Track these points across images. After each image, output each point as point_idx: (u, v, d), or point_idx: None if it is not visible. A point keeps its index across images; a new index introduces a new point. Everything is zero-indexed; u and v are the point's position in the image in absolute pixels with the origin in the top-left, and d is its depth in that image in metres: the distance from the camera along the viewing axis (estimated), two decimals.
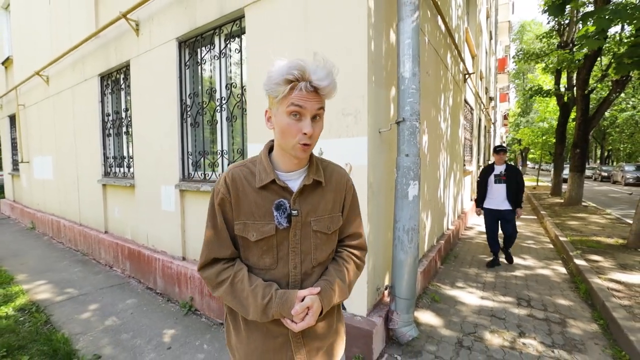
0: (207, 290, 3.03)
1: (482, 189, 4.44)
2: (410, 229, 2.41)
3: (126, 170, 4.45)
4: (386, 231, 2.66)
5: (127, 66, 4.12)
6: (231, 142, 3.18)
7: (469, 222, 7.48)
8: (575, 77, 9.89)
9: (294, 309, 0.88)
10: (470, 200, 8.21)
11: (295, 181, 0.96)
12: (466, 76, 6.46)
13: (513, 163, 40.44)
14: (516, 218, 4.30)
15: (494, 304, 3.26)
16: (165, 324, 2.91)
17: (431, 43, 3.66)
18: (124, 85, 4.35)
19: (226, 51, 3.09)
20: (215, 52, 3.16)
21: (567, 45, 10.71)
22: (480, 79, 9.77)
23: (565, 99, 11.11)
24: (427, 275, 3.63)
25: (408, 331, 2.45)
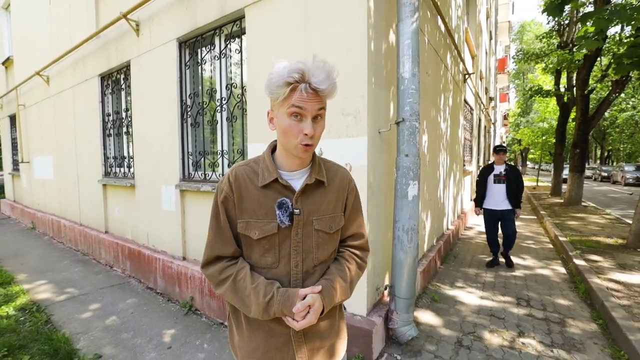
0: (207, 290, 3.04)
1: (481, 188, 4.44)
2: (410, 228, 2.42)
3: (126, 170, 4.46)
4: (386, 231, 2.67)
5: (127, 66, 4.13)
6: (231, 142, 3.19)
7: (468, 222, 7.49)
8: (575, 77, 9.90)
9: (295, 307, 0.89)
10: (470, 200, 8.21)
11: (297, 180, 0.97)
12: (466, 76, 6.47)
13: (513, 163, 40.54)
14: (515, 218, 4.31)
15: (493, 303, 3.27)
16: (165, 323, 2.92)
17: (431, 43, 3.67)
18: (124, 86, 4.36)
19: (226, 51, 3.10)
20: (215, 53, 3.17)
21: (567, 45, 10.72)
22: (480, 79, 9.78)
23: (565, 99, 11.12)
24: (427, 275, 3.64)
25: (408, 331, 2.46)
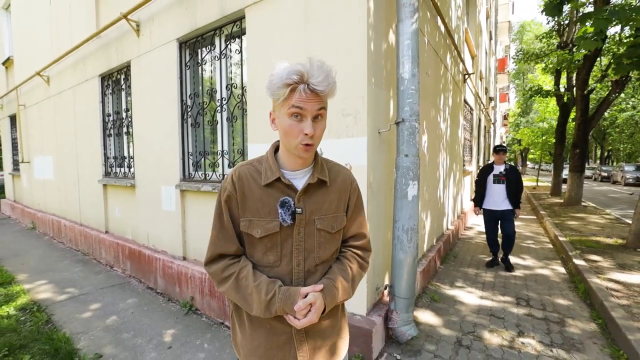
0: (207, 290, 3.04)
1: (480, 188, 4.43)
2: (410, 228, 2.42)
3: (127, 171, 4.47)
4: (385, 231, 2.67)
5: (127, 66, 4.14)
6: (231, 142, 3.20)
7: (468, 222, 7.50)
8: (574, 77, 9.91)
9: (297, 305, 0.89)
10: (470, 200, 8.21)
11: (300, 180, 0.98)
12: (466, 76, 6.47)
13: (513, 163, 40.56)
14: (515, 218, 4.31)
15: (493, 303, 3.28)
16: (165, 323, 2.93)
17: (431, 44, 3.67)
18: (124, 86, 4.37)
19: (227, 52, 3.10)
20: (215, 53, 3.17)
21: (566, 45, 10.73)
22: (480, 79, 9.78)
23: (565, 99, 11.13)
24: (427, 275, 3.65)
25: (407, 330, 2.47)
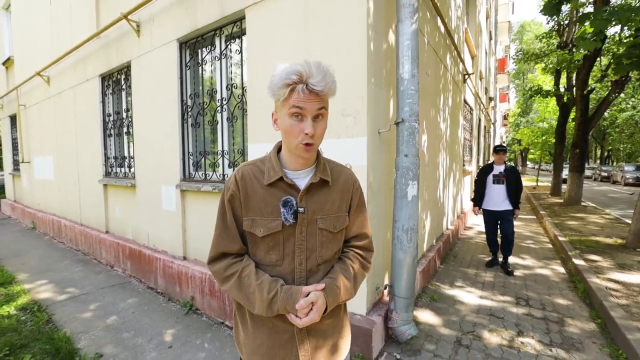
0: (207, 290, 3.05)
1: (479, 188, 4.42)
2: (409, 228, 2.43)
3: (127, 171, 4.47)
4: (385, 231, 2.68)
5: (128, 67, 4.14)
6: (232, 142, 3.21)
7: (468, 222, 7.50)
8: (574, 77, 9.91)
9: (299, 304, 0.90)
10: (470, 200, 8.22)
11: (302, 179, 0.99)
12: (465, 77, 6.48)
13: (513, 163, 40.56)
14: (514, 219, 4.30)
15: (492, 303, 3.29)
16: (166, 323, 2.93)
17: (430, 44, 3.68)
18: (124, 86, 4.38)
19: (227, 52, 3.11)
20: (215, 53, 3.18)
21: (566, 45, 10.73)
22: (480, 79, 9.79)
23: (564, 99, 11.13)
24: (427, 275, 3.65)
25: (407, 330, 2.48)
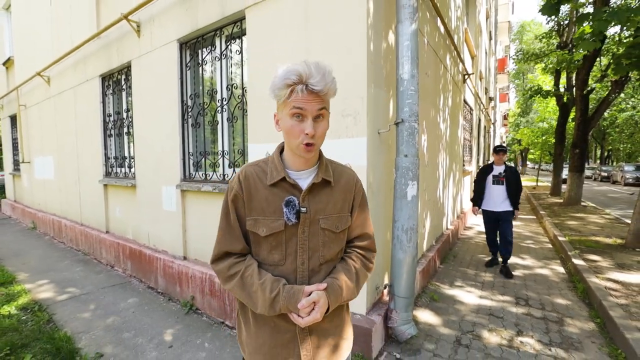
0: (208, 290, 3.06)
1: (478, 188, 4.40)
2: (409, 228, 2.43)
3: (127, 171, 4.48)
4: (385, 231, 2.68)
5: (128, 67, 4.15)
6: (232, 142, 3.21)
7: (468, 222, 7.51)
8: (574, 77, 9.92)
9: (300, 303, 0.91)
10: (470, 200, 8.23)
11: (305, 180, 1.00)
12: (465, 77, 6.49)
13: (513, 163, 40.54)
14: (514, 219, 4.29)
15: (492, 303, 3.29)
16: (166, 322, 2.94)
17: (430, 44, 3.69)
18: (125, 86, 4.38)
19: (227, 52, 3.12)
20: (216, 53, 3.19)
21: (566, 45, 10.74)
22: (479, 79, 9.79)
23: (564, 99, 11.14)
24: (426, 275, 3.66)
25: (407, 329, 2.48)
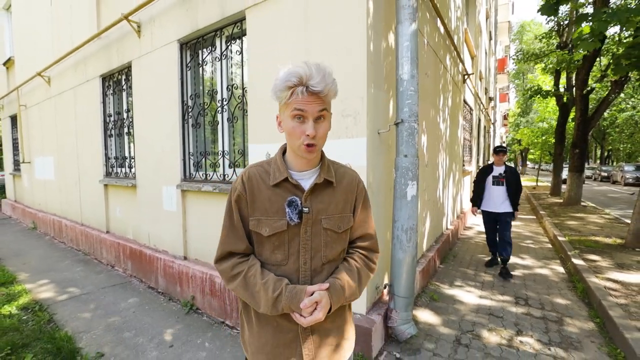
0: (208, 289, 3.06)
1: (478, 188, 4.39)
2: (409, 228, 2.44)
3: (128, 171, 4.49)
4: (385, 231, 2.69)
5: (128, 67, 4.16)
6: (232, 142, 3.22)
7: (468, 222, 7.51)
8: (574, 77, 9.92)
9: (303, 303, 0.91)
10: (470, 201, 8.23)
11: (307, 180, 1.01)
12: (465, 77, 6.49)
13: (513, 163, 40.54)
14: (513, 219, 4.28)
15: (492, 302, 3.30)
16: (167, 322, 2.95)
17: (430, 45, 3.69)
18: (125, 86, 4.39)
19: (227, 53, 3.12)
20: (216, 54, 3.19)
21: (566, 45, 10.75)
22: (479, 79, 9.80)
23: (564, 99, 11.14)
24: (426, 275, 3.67)
25: (407, 329, 2.49)
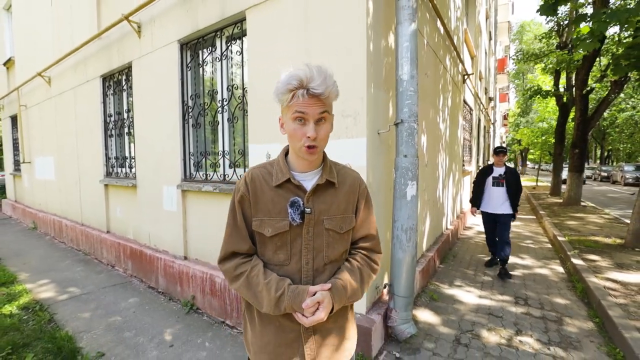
0: (208, 289, 3.07)
1: (478, 188, 4.38)
2: (409, 228, 2.45)
3: (128, 171, 4.49)
4: (385, 230, 2.70)
5: (129, 67, 4.16)
6: (232, 142, 3.22)
7: (468, 222, 7.52)
8: (574, 77, 9.93)
9: (305, 303, 0.92)
10: (469, 201, 8.24)
11: (309, 181, 1.02)
12: (465, 77, 6.50)
13: (513, 163, 40.53)
14: (512, 220, 4.27)
15: (491, 302, 3.31)
16: (167, 322, 2.95)
17: (430, 45, 3.70)
18: (125, 87, 4.40)
19: (227, 53, 3.13)
20: (216, 54, 3.20)
21: (566, 45, 10.76)
22: (479, 79, 9.80)
23: (564, 99, 11.15)
24: (426, 275, 3.67)
25: (406, 329, 2.50)
